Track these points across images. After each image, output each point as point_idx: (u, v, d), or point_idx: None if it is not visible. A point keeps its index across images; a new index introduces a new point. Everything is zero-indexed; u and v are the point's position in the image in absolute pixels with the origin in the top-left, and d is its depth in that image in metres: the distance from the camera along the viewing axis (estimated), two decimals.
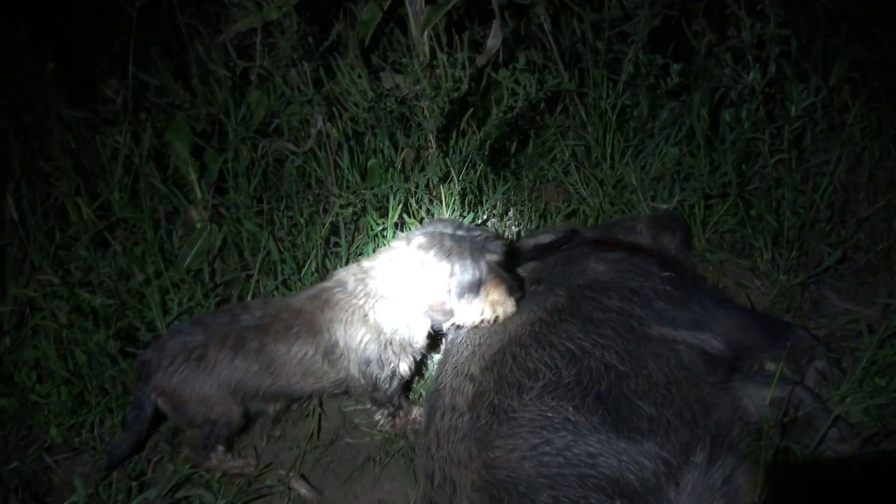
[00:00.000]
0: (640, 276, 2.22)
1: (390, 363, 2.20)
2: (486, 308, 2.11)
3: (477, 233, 2.12)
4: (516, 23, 3.11)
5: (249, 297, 2.67)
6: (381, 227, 2.70)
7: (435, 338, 2.34)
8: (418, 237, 2.13)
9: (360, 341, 2.17)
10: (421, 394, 2.48)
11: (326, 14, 2.86)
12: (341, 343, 2.18)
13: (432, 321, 2.21)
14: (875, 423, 2.11)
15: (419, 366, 2.41)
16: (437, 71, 2.53)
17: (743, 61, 2.75)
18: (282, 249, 2.72)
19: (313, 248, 2.71)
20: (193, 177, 2.89)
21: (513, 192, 3.04)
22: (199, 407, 2.16)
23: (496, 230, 2.89)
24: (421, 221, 2.77)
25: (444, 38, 2.60)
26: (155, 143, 2.99)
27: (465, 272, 2.06)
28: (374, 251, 2.69)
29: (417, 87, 2.58)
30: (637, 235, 2.56)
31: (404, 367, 2.24)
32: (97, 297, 2.54)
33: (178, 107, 3.00)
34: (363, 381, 2.23)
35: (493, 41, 2.74)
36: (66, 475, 2.29)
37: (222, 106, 2.96)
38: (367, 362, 2.19)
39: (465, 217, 2.72)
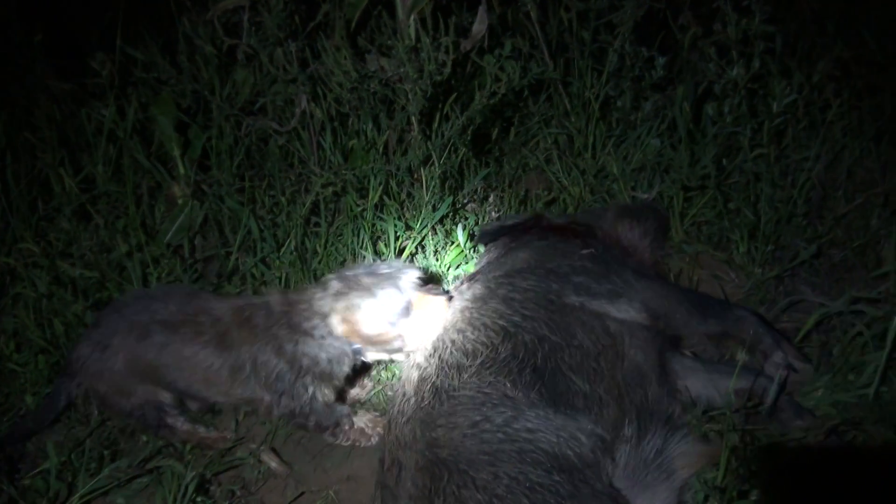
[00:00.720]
0: (559, 257, 2.24)
1: (302, 395, 2.11)
2: (424, 321, 2.11)
3: (388, 264, 2.12)
4: (503, 9, 3.12)
5: (228, 273, 2.70)
6: (360, 208, 2.72)
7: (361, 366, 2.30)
8: (333, 283, 2.08)
9: (272, 370, 2.08)
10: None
11: None
12: (248, 367, 2.09)
13: (384, 351, 2.17)
14: (840, 415, 2.14)
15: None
16: (422, 54, 2.54)
17: (727, 56, 2.76)
18: (262, 228, 2.73)
19: (293, 228, 2.72)
20: (177, 153, 2.90)
21: (494, 178, 3.05)
22: (119, 397, 2.16)
23: (476, 215, 2.91)
24: (402, 204, 2.79)
25: (430, 22, 2.62)
26: (140, 117, 3.00)
27: (391, 299, 2.04)
28: (353, 232, 2.71)
29: (401, 69, 2.59)
30: (604, 222, 2.58)
31: (322, 394, 2.16)
32: (77, 268, 2.56)
33: (164, 82, 3.00)
34: (277, 410, 2.14)
35: (479, 26, 2.76)
36: (40, 442, 2.31)
37: (208, 83, 2.96)
38: (279, 393, 2.10)
39: (444, 200, 2.73)
